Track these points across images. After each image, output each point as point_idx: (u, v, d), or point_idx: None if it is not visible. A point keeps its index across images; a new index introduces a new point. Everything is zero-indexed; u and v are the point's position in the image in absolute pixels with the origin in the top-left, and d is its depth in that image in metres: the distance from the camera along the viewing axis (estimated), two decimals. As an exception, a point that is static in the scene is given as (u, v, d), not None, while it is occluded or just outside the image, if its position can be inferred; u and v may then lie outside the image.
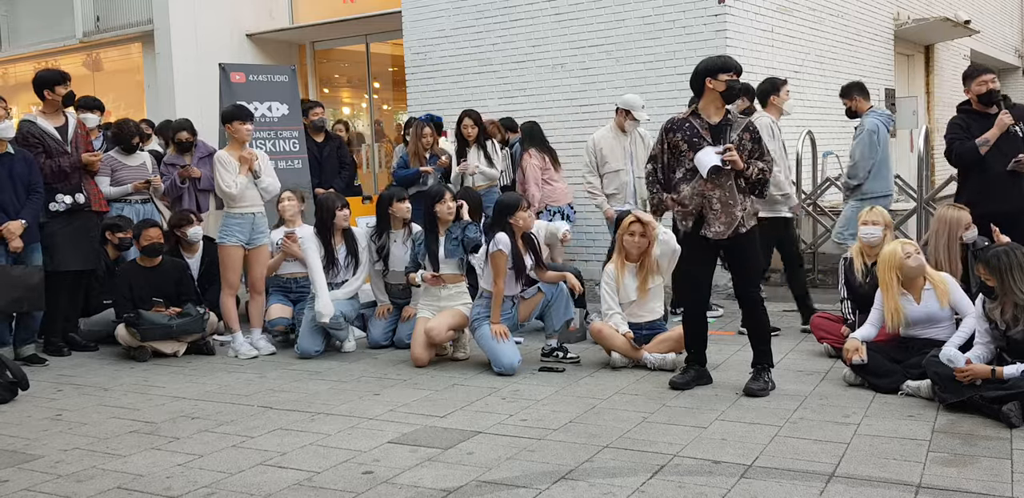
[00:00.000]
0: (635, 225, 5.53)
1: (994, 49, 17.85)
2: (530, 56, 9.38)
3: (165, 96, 11.43)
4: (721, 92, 4.63)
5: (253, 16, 12.19)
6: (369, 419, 4.47)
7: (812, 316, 5.93)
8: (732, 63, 4.63)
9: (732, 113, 4.75)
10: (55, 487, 3.63)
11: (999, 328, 4.39)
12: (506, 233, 5.50)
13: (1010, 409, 4.02)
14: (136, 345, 6.07)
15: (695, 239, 4.76)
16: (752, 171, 4.64)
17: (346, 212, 6.25)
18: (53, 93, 6.22)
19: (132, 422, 4.56)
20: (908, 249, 4.79)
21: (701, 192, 4.66)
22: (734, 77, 4.60)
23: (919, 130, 9.12)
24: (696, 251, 4.81)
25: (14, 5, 13.84)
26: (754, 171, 4.64)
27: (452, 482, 3.54)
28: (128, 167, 6.95)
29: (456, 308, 5.82)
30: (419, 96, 10.16)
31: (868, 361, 4.73)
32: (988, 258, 4.37)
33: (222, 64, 7.94)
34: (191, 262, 6.73)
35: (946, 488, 3.34)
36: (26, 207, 5.91)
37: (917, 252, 4.81)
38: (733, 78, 4.60)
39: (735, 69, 4.61)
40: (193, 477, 3.70)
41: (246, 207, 6.08)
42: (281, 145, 7.88)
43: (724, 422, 4.25)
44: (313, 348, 6.02)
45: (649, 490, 3.40)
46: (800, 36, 9.66)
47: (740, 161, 4.58)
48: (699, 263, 4.85)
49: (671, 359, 5.34)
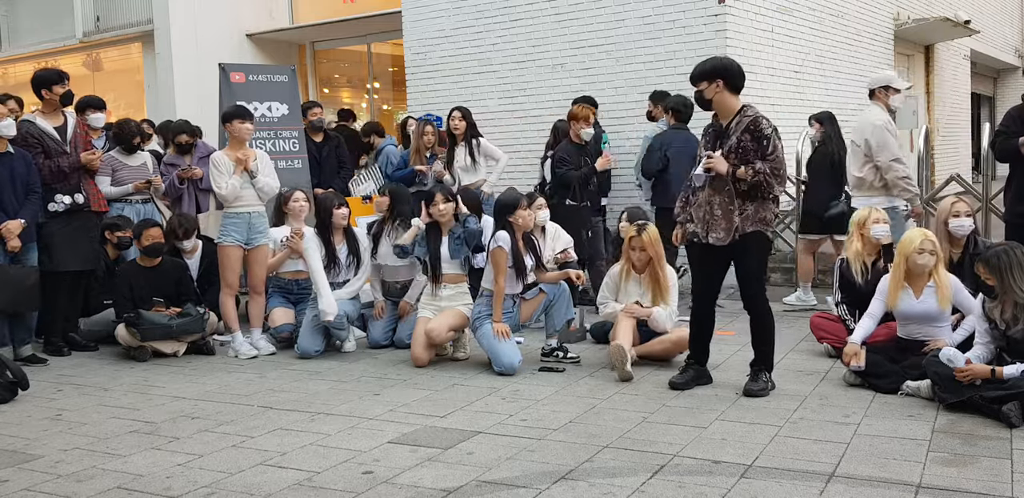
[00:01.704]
0: (635, 240, 5.55)
1: (994, 49, 17.85)
2: (530, 56, 9.38)
3: (165, 96, 11.44)
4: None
5: (253, 16, 12.19)
6: (369, 419, 4.47)
7: (812, 316, 5.93)
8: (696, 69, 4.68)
9: (744, 112, 4.61)
10: (55, 487, 3.63)
11: (999, 328, 4.39)
12: (506, 232, 5.51)
13: (1010, 409, 4.02)
14: (136, 345, 6.07)
15: (701, 245, 4.74)
16: (747, 173, 4.51)
17: (343, 211, 6.25)
18: (51, 93, 6.21)
19: (132, 422, 4.56)
20: (926, 245, 4.76)
21: (707, 199, 4.66)
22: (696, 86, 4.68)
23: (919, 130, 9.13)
24: (704, 255, 4.80)
25: (14, 5, 13.85)
26: (748, 173, 4.51)
27: (452, 482, 3.54)
28: (129, 167, 6.95)
29: (457, 308, 5.82)
30: (419, 96, 10.16)
31: (868, 362, 4.73)
32: (988, 257, 4.37)
33: (222, 64, 7.94)
34: (190, 262, 6.72)
35: (946, 488, 3.34)
36: (24, 207, 5.91)
37: (932, 252, 4.78)
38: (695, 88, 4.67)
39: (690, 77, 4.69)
40: (193, 477, 3.70)
41: (242, 207, 6.08)
42: (281, 145, 7.88)
43: (724, 422, 4.25)
44: (313, 348, 6.02)
45: (649, 490, 3.40)
46: (800, 36, 9.66)
47: (722, 166, 4.54)
48: (707, 266, 4.83)
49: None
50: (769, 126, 4.54)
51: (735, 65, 4.64)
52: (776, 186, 4.54)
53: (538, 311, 5.64)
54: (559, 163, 7.25)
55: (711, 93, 4.60)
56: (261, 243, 6.21)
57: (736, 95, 4.63)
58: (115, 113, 12.11)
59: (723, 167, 4.54)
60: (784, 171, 4.59)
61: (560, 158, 7.26)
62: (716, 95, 4.61)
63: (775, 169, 4.51)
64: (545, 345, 5.71)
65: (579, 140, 7.28)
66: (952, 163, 14.92)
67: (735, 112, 4.62)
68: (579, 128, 7.22)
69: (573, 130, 7.28)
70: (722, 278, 4.90)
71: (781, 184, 4.58)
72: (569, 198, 7.19)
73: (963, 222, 5.29)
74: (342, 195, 6.82)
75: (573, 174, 7.17)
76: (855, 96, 11.08)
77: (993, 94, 21.43)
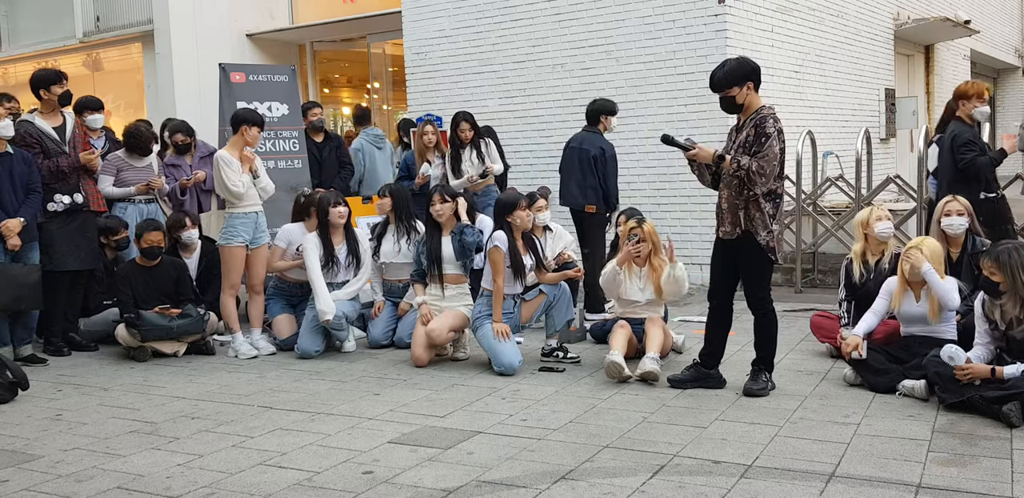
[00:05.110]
0: (635, 230, 5.57)
1: (994, 49, 17.85)
2: (530, 56, 9.38)
3: (165, 96, 11.43)
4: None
5: (253, 16, 12.18)
6: (369, 419, 4.47)
7: (812, 316, 5.92)
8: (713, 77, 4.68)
9: (760, 111, 4.60)
10: (55, 487, 3.63)
11: (999, 328, 4.39)
12: (505, 232, 5.51)
13: (1010, 409, 4.02)
14: (136, 345, 6.07)
15: (717, 239, 4.79)
16: (731, 166, 4.52)
17: (341, 209, 6.23)
18: (49, 93, 6.22)
19: (132, 422, 4.56)
20: (911, 252, 4.81)
21: (719, 192, 4.73)
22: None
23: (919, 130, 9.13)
24: (718, 249, 4.82)
25: (14, 5, 13.84)
26: (732, 166, 4.52)
27: (452, 482, 3.54)
28: (135, 168, 6.93)
29: (457, 309, 5.82)
30: (419, 96, 10.16)
31: (867, 357, 4.73)
32: (997, 253, 4.34)
33: (222, 64, 7.94)
34: (189, 262, 6.72)
35: (946, 488, 3.34)
36: (25, 205, 5.92)
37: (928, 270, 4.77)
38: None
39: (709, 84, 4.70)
40: (193, 477, 3.70)
41: (249, 206, 6.10)
42: (281, 145, 7.88)
43: (724, 422, 4.25)
44: (313, 348, 6.02)
45: (649, 490, 3.40)
46: (800, 36, 9.66)
47: (701, 155, 4.58)
48: (721, 259, 4.83)
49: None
50: (773, 127, 4.53)
51: (755, 63, 4.67)
52: (759, 184, 4.52)
53: (538, 312, 5.64)
54: (964, 147, 6.05)
55: (743, 97, 4.61)
56: (263, 243, 6.22)
57: (758, 93, 4.68)
58: (115, 113, 12.12)
59: (703, 156, 4.60)
60: (772, 171, 4.51)
61: (966, 141, 6.07)
62: (747, 97, 4.62)
63: (761, 167, 4.48)
64: (545, 345, 5.71)
65: (971, 121, 6.24)
66: (952, 163, 14.89)
67: (754, 110, 4.64)
68: (971, 107, 6.19)
69: (964, 110, 6.23)
70: (734, 276, 4.86)
71: (765, 183, 4.53)
72: (983, 190, 6.09)
73: (953, 221, 5.30)
74: (342, 194, 6.81)
75: (982, 160, 6.04)
76: (855, 96, 11.10)
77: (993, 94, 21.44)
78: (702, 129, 8.25)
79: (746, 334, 5.03)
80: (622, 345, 5.23)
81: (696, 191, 8.22)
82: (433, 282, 5.94)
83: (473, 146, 7.59)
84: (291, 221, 6.70)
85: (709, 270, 4.95)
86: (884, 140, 12.04)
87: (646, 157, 8.75)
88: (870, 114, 11.57)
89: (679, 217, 8.63)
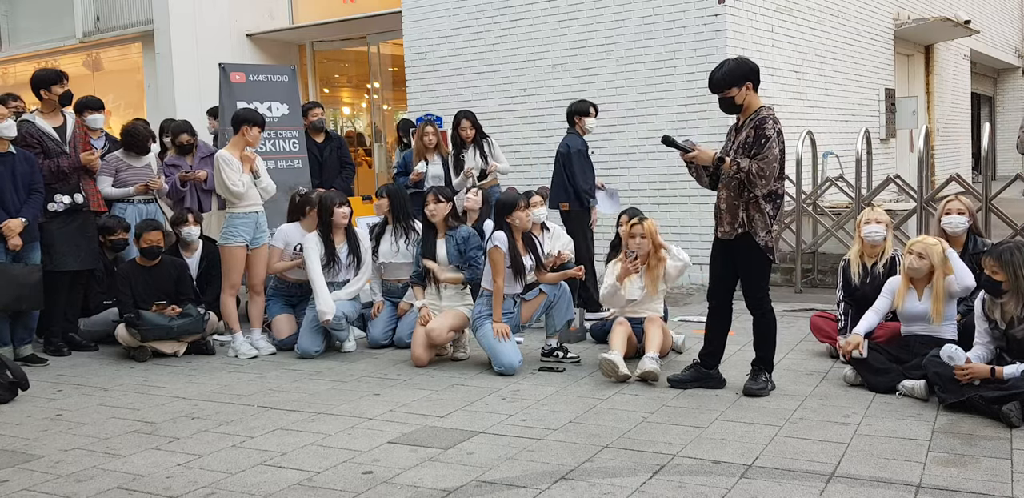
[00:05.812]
0: (636, 227, 5.56)
1: (994, 49, 17.86)
2: (530, 56, 9.38)
3: (165, 96, 11.44)
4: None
5: (253, 16, 12.18)
6: (369, 419, 4.47)
7: (812, 316, 5.92)
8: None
9: (760, 111, 4.60)
10: (55, 487, 3.63)
11: (999, 328, 4.39)
12: (505, 232, 5.51)
13: (1010, 409, 4.02)
14: (136, 345, 6.08)
15: (716, 239, 4.80)
16: (730, 168, 4.52)
17: (344, 210, 6.24)
18: (49, 93, 6.22)
19: (132, 422, 4.56)
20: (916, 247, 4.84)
21: (718, 192, 4.74)
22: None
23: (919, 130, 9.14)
24: (717, 249, 4.83)
25: (14, 5, 13.84)
26: (732, 168, 4.52)
27: (452, 482, 3.54)
28: (133, 168, 6.93)
29: (457, 309, 5.82)
30: (419, 96, 10.17)
31: (868, 356, 4.73)
32: (1000, 252, 4.35)
33: (222, 64, 7.93)
34: (190, 262, 6.72)
35: (946, 488, 3.35)
36: (26, 205, 5.92)
37: (922, 256, 4.79)
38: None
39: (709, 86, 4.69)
40: (193, 477, 3.70)
41: (250, 206, 6.10)
42: (281, 145, 7.88)
43: (724, 422, 4.25)
44: (313, 348, 6.02)
45: (649, 490, 3.40)
46: (800, 36, 9.67)
47: (701, 157, 4.59)
48: (719, 259, 4.84)
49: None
50: (773, 128, 4.52)
51: (753, 63, 4.66)
52: (759, 186, 4.52)
53: (538, 312, 5.64)
54: None
55: (742, 97, 4.61)
56: (263, 243, 6.22)
57: (757, 92, 4.68)
58: (115, 113, 12.12)
59: (703, 157, 4.60)
60: (771, 173, 4.50)
61: None
62: (746, 97, 4.62)
63: (761, 169, 4.48)
64: (545, 345, 5.71)
65: None
66: (952, 163, 14.92)
67: (754, 110, 4.64)
68: None
69: None
70: (734, 276, 4.87)
71: (765, 185, 4.53)
72: None
73: (953, 219, 5.31)
74: (344, 194, 6.81)
75: None
76: (855, 96, 11.10)
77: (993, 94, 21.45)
78: (702, 129, 8.26)
79: (746, 334, 5.03)
80: (621, 344, 5.24)
81: (696, 191, 8.23)
82: (430, 282, 5.94)
83: (476, 145, 7.59)
84: (287, 221, 6.70)
85: (708, 270, 4.96)
86: (884, 140, 12.04)
87: (646, 157, 8.76)
88: (870, 114, 11.58)
89: (679, 217, 8.64)
